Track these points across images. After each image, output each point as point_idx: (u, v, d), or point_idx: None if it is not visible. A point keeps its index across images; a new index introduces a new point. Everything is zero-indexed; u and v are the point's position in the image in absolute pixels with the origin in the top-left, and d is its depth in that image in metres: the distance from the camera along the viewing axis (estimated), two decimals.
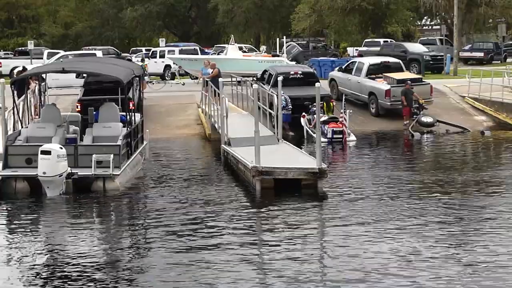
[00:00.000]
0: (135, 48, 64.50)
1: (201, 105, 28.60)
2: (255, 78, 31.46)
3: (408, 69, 35.90)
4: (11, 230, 14.50)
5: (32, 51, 47.73)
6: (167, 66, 42.21)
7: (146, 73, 33.74)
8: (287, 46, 44.49)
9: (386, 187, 17.55)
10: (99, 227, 14.83)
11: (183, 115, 29.05)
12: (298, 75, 28.76)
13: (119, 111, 19.79)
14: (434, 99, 29.47)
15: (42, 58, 42.26)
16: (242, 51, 43.59)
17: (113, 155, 17.24)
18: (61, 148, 16.80)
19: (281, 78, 23.79)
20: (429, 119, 27.46)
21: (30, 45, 49.55)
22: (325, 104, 26.34)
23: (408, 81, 28.17)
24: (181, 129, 27.58)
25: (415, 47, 45.77)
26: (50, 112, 19.47)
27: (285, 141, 21.33)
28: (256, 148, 17.25)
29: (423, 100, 27.95)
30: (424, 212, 14.98)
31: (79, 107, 24.57)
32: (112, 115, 19.42)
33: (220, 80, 22.78)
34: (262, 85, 27.38)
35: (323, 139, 23.11)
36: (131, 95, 21.77)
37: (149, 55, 45.16)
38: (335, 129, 25.22)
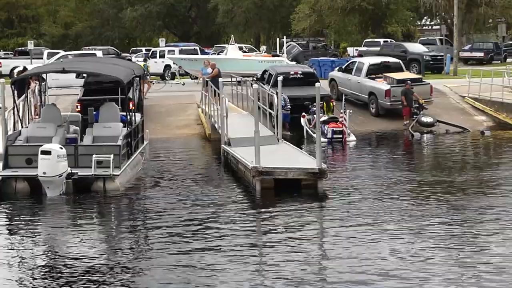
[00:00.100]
0: (135, 48, 64.47)
1: (201, 105, 28.60)
2: (255, 78, 31.47)
3: (408, 69, 35.88)
4: (11, 230, 14.48)
5: (32, 51, 47.70)
6: (167, 66, 42.22)
7: (148, 73, 33.76)
8: (287, 46, 44.47)
9: (386, 187, 17.55)
10: (99, 228, 14.83)
11: (183, 115, 29.04)
12: (298, 75, 28.76)
13: (119, 111, 19.80)
14: (434, 99, 29.46)
15: (42, 58, 42.21)
16: (242, 51, 43.58)
17: (113, 155, 17.23)
18: (61, 148, 16.79)
19: (281, 78, 23.83)
20: (429, 119, 27.46)
21: (30, 45, 49.53)
22: (325, 104, 26.35)
23: (408, 81, 28.16)
24: (181, 129, 27.57)
25: (415, 47, 45.74)
26: (50, 112, 19.46)
27: (285, 141, 21.34)
28: (256, 148, 17.25)
29: (423, 100, 27.94)
30: (424, 212, 14.98)
31: (79, 107, 24.55)
32: (112, 115, 19.42)
33: (220, 80, 22.78)
34: (262, 85, 27.37)
35: (323, 139, 23.10)
36: (131, 95, 21.77)
37: (149, 55, 45.14)
38: (335, 129, 25.22)
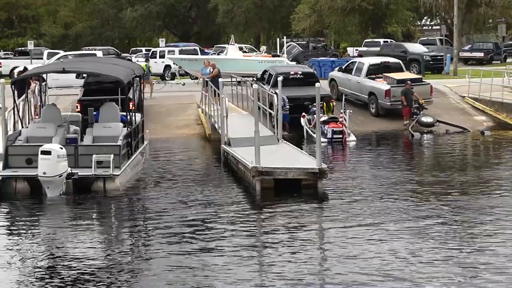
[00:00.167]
0: (135, 48, 64.47)
1: (201, 105, 28.61)
2: (255, 78, 31.47)
3: (408, 69, 35.88)
4: (11, 230, 14.49)
5: (32, 51, 47.70)
6: (167, 66, 42.21)
7: (150, 73, 33.79)
8: (287, 46, 44.47)
9: (386, 187, 17.55)
10: (99, 228, 14.82)
11: (183, 115, 29.05)
12: (298, 75, 28.76)
13: (119, 111, 19.79)
14: (434, 99, 29.46)
15: (42, 58, 42.20)
16: (242, 51, 43.59)
17: (113, 155, 17.23)
18: (61, 148, 16.79)
19: (281, 78, 23.84)
20: (429, 119, 27.46)
21: (30, 45, 49.55)
22: (325, 104, 26.35)
23: (408, 81, 28.15)
24: (181, 129, 27.58)
25: (415, 47, 45.73)
26: (50, 112, 19.47)
27: (285, 141, 21.35)
28: (256, 148, 17.25)
29: (423, 100, 27.94)
30: (424, 212, 14.97)
31: (79, 107, 24.55)
32: (112, 115, 19.42)
33: (220, 80, 22.79)
34: (262, 85, 27.38)
35: (323, 139, 23.11)
36: (132, 95, 21.76)
37: (149, 55, 45.15)
38: (335, 129, 25.22)
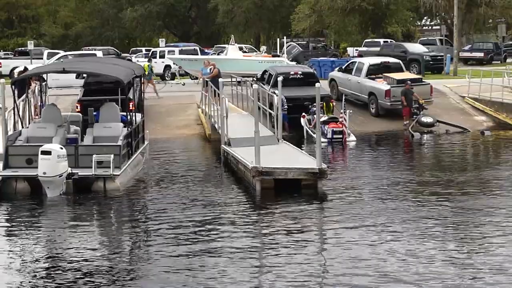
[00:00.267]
0: (135, 48, 64.47)
1: (201, 105, 28.61)
2: (255, 78, 31.48)
3: (408, 69, 35.89)
4: (11, 230, 14.48)
5: (32, 51, 47.71)
6: (167, 66, 42.21)
7: (153, 73, 33.80)
8: (287, 46, 44.47)
9: (386, 188, 17.57)
10: (99, 229, 14.82)
11: (183, 115, 29.05)
12: (298, 76, 28.76)
13: (119, 111, 19.79)
14: (434, 99, 29.47)
15: (42, 58, 42.21)
16: (242, 51, 43.60)
17: (113, 155, 17.24)
18: (62, 148, 16.80)
19: (281, 78, 23.85)
20: (429, 119, 27.46)
21: (30, 45, 49.56)
22: (325, 104, 26.35)
23: (408, 81, 28.16)
24: (181, 129, 27.58)
25: (415, 47, 45.75)
26: (50, 112, 19.47)
27: (285, 141, 21.35)
28: (256, 148, 17.25)
29: (423, 100, 27.95)
30: (424, 213, 14.98)
31: (78, 107, 24.55)
32: (112, 115, 19.42)
33: (220, 80, 22.79)
34: (262, 85, 27.39)
35: (323, 139, 23.11)
36: (132, 95, 21.75)
37: (149, 55, 45.16)
38: (335, 129, 25.22)
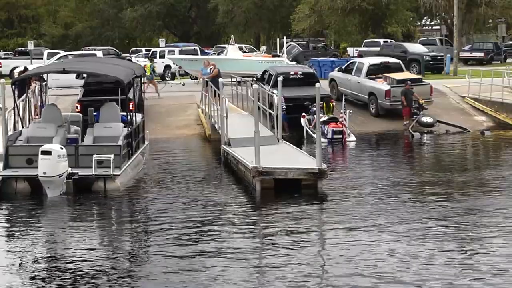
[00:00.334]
0: (135, 48, 64.47)
1: (201, 105, 28.62)
2: (255, 78, 31.48)
3: (408, 69, 35.89)
4: (11, 231, 14.47)
5: (32, 51, 47.71)
6: (167, 66, 42.20)
7: (155, 73, 33.80)
8: (287, 46, 44.47)
9: (386, 188, 17.57)
10: (99, 229, 14.80)
11: (183, 115, 29.06)
12: (298, 76, 28.76)
13: (119, 111, 19.79)
14: (434, 99, 29.48)
15: (42, 58, 42.19)
16: (242, 51, 43.59)
17: (113, 155, 17.24)
18: (62, 148, 16.80)
19: (281, 78, 23.85)
20: (429, 119, 27.47)
21: (30, 45, 49.56)
22: (325, 104, 26.35)
23: (408, 82, 28.17)
24: (181, 129, 27.59)
25: (415, 47, 45.75)
26: (51, 112, 19.46)
27: (285, 141, 21.36)
28: (256, 148, 17.25)
29: (423, 100, 27.96)
30: (424, 213, 14.97)
31: (78, 107, 24.54)
32: (113, 115, 19.42)
33: (220, 80, 22.80)
34: (262, 85, 27.39)
35: (323, 140, 23.11)
36: (132, 95, 21.76)
37: (149, 55, 45.17)
38: (335, 129, 25.23)
